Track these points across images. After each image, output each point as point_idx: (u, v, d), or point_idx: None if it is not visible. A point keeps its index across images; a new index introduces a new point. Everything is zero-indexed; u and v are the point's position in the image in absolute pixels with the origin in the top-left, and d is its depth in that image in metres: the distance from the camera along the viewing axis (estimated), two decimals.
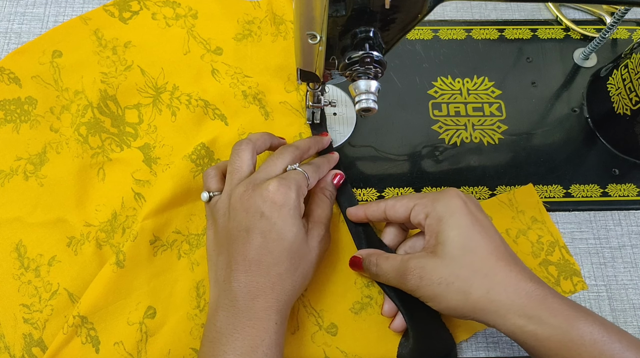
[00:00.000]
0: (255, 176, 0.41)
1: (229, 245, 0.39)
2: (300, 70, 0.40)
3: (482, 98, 0.53)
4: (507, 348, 0.44)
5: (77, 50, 0.53)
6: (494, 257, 0.36)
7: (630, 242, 0.48)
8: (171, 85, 0.52)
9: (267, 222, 0.38)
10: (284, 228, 0.38)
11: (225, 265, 0.39)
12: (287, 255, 0.38)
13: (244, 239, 0.38)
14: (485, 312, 0.36)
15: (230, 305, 0.37)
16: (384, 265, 0.40)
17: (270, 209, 0.38)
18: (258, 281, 0.37)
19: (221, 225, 0.40)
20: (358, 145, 0.51)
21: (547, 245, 0.46)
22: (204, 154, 0.48)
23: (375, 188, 0.49)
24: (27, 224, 0.47)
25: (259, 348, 0.35)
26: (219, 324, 0.37)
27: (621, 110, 0.48)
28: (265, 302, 0.37)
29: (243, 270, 0.38)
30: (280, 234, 0.38)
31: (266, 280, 0.38)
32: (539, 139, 0.52)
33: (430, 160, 0.51)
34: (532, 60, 0.55)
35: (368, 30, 0.36)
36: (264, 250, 0.38)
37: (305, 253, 0.40)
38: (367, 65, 0.36)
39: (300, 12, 0.33)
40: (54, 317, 0.43)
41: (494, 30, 0.57)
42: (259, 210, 0.38)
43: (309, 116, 0.50)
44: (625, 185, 0.50)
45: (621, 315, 0.45)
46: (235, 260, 0.38)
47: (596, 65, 0.55)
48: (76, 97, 0.51)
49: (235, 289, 0.37)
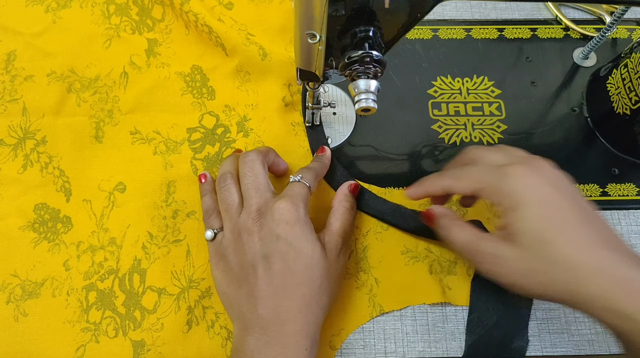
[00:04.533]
0: (254, 202, 0.40)
1: (249, 277, 0.38)
2: (300, 69, 0.40)
3: (481, 97, 0.53)
4: None
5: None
6: (576, 246, 0.33)
7: (629, 242, 0.48)
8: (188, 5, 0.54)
9: (284, 243, 0.38)
10: (300, 245, 0.38)
11: (247, 296, 0.38)
12: (308, 273, 0.38)
13: (264, 266, 0.38)
14: (574, 303, 0.33)
15: (261, 333, 0.36)
16: (454, 235, 0.38)
17: (284, 230, 0.38)
18: (286, 305, 0.37)
19: (234, 261, 0.40)
20: (358, 144, 0.51)
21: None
22: (198, 79, 0.53)
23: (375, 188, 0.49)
24: (26, 41, 0.53)
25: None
26: (249, 351, 0.36)
27: (621, 109, 0.48)
28: (295, 325, 0.36)
29: (269, 296, 0.37)
30: (298, 252, 0.38)
31: (293, 303, 0.37)
32: (538, 138, 0.52)
33: (430, 160, 0.51)
34: (531, 60, 0.55)
35: (367, 29, 0.35)
36: (286, 272, 0.37)
37: (326, 269, 0.39)
38: (367, 65, 0.36)
39: (300, 12, 0.33)
40: None
41: (493, 29, 0.57)
42: (274, 234, 0.38)
43: (308, 118, 0.50)
44: (624, 184, 0.50)
45: None
46: (260, 288, 0.37)
47: (596, 64, 0.55)
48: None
49: (264, 316, 0.37)
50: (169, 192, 0.48)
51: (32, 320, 0.44)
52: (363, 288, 0.45)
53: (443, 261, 0.46)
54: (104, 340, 0.43)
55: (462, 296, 0.45)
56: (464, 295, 0.45)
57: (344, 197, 0.45)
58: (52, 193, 0.48)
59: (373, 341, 0.44)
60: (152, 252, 0.46)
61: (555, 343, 0.44)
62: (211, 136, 0.50)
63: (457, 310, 0.45)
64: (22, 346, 0.43)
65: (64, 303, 0.44)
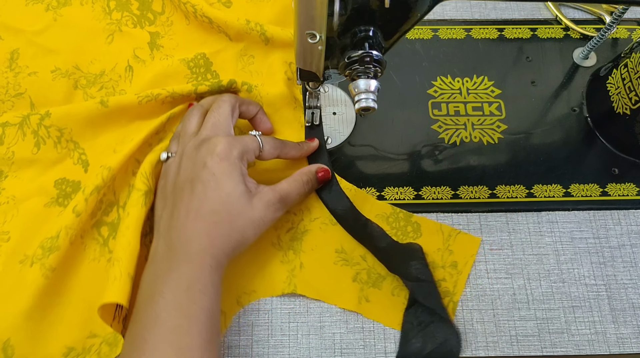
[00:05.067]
0: (204, 133, 0.43)
1: (175, 198, 0.41)
2: (300, 69, 0.40)
3: (481, 97, 0.53)
4: (507, 348, 0.44)
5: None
6: None
7: (629, 242, 0.48)
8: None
9: (208, 171, 0.40)
10: (222, 179, 0.40)
11: (168, 216, 0.41)
12: (223, 206, 0.40)
13: (188, 190, 0.40)
14: None
15: (167, 249, 0.39)
16: None
17: (212, 161, 0.40)
18: (195, 227, 0.39)
19: (170, 181, 0.43)
20: (357, 144, 0.51)
21: (443, 291, 0.45)
22: (201, 64, 0.53)
23: (375, 188, 0.49)
24: (28, 39, 0.53)
25: (194, 286, 0.37)
26: (156, 267, 0.39)
27: (621, 109, 0.48)
28: (199, 245, 0.38)
29: (182, 218, 0.39)
30: (218, 184, 0.40)
31: (202, 226, 0.39)
32: (538, 138, 0.52)
33: (430, 160, 0.51)
34: (531, 60, 0.55)
35: (367, 29, 0.36)
36: (203, 198, 0.40)
37: (246, 210, 0.41)
38: (367, 65, 0.36)
39: (300, 12, 0.33)
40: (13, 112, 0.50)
41: (493, 29, 0.57)
42: (203, 161, 0.41)
43: (308, 117, 0.50)
44: (624, 184, 0.50)
45: (620, 314, 0.45)
46: (178, 209, 0.40)
47: (596, 64, 0.55)
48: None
49: (172, 235, 0.39)
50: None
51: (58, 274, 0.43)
52: (287, 265, 0.46)
53: (372, 273, 0.45)
54: None
55: (379, 313, 0.44)
56: (380, 312, 0.44)
57: (307, 172, 0.46)
58: (70, 167, 0.48)
59: (373, 341, 0.44)
60: None
61: (555, 343, 0.44)
62: (217, 89, 0.50)
63: (457, 310, 0.45)
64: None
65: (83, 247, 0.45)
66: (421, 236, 0.47)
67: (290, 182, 0.45)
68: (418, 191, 0.49)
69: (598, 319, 0.45)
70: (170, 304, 0.36)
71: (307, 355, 0.44)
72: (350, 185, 0.48)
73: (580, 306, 0.45)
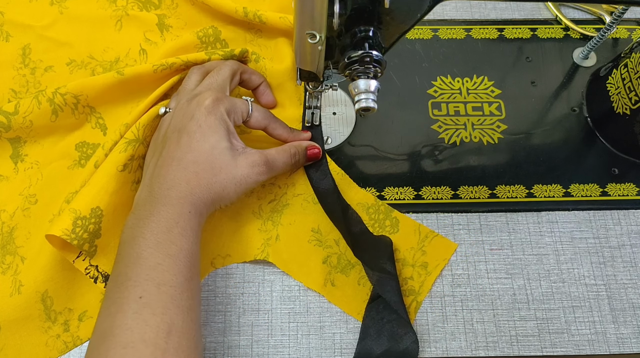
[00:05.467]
0: (198, 89, 0.45)
1: (163, 147, 0.42)
2: (300, 69, 0.40)
3: (481, 97, 0.53)
4: (507, 348, 0.44)
5: None
6: None
7: (629, 242, 0.48)
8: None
9: (195, 123, 0.41)
10: (207, 131, 0.41)
11: (155, 164, 0.42)
12: (206, 158, 0.40)
13: (175, 140, 0.41)
14: None
15: (149, 195, 0.40)
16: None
17: (199, 113, 0.41)
18: (176, 175, 0.40)
19: (161, 132, 0.44)
20: (357, 144, 0.51)
21: (409, 289, 0.46)
22: (210, 33, 0.53)
23: (375, 188, 0.49)
24: (38, 34, 0.53)
25: (174, 229, 0.38)
26: (137, 212, 0.39)
27: (621, 109, 0.48)
28: (179, 192, 0.39)
29: (166, 166, 0.40)
30: (203, 136, 0.41)
31: (183, 174, 0.40)
32: (538, 138, 0.52)
33: (430, 160, 0.51)
34: (531, 60, 0.55)
35: (367, 29, 0.36)
36: (187, 148, 0.40)
37: (229, 166, 0.41)
38: (367, 65, 0.36)
39: (300, 12, 0.33)
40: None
41: (493, 29, 0.57)
42: (192, 113, 0.42)
43: (308, 117, 0.50)
44: (624, 184, 0.50)
45: (620, 314, 0.45)
46: (163, 158, 0.41)
47: (596, 64, 0.55)
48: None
49: (154, 182, 0.40)
50: None
51: None
52: (264, 233, 0.47)
53: (343, 259, 0.46)
54: None
55: (341, 298, 0.45)
56: (342, 298, 0.45)
57: (297, 145, 0.46)
58: (89, 131, 0.50)
59: None
60: None
61: (555, 343, 0.44)
62: (230, 57, 0.51)
63: (457, 311, 0.45)
64: None
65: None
66: (398, 232, 0.47)
67: (279, 150, 0.45)
68: (418, 191, 0.49)
69: (598, 319, 0.45)
70: (151, 244, 0.37)
71: (307, 355, 0.44)
72: (338, 169, 0.48)
73: (580, 306, 0.45)
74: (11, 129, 0.47)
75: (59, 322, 0.44)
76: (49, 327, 0.44)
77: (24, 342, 0.43)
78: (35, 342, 0.43)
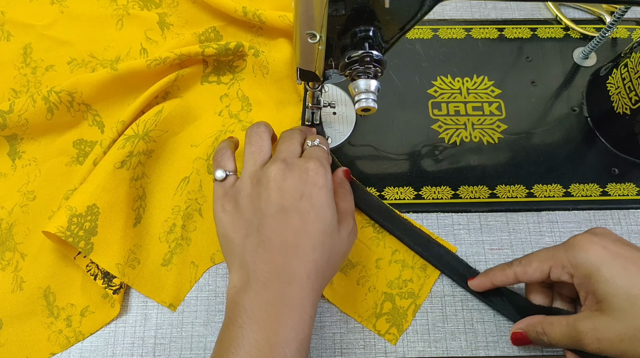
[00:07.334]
0: (284, 156, 0.39)
1: (261, 227, 0.36)
2: (300, 69, 0.40)
3: (481, 97, 0.53)
4: (507, 348, 0.44)
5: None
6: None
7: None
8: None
9: (307, 203, 0.36)
10: (323, 210, 0.37)
11: (255, 246, 0.36)
12: (322, 240, 0.36)
13: (280, 220, 0.36)
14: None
15: (264, 288, 0.34)
16: (552, 333, 0.38)
17: (310, 190, 0.37)
18: (295, 266, 0.35)
19: (246, 206, 0.38)
20: (358, 144, 0.51)
21: (408, 292, 0.45)
22: (212, 37, 0.54)
23: (375, 188, 0.49)
24: (39, 33, 0.53)
25: (292, 343, 0.33)
26: (249, 307, 0.34)
27: (621, 109, 0.48)
28: (302, 290, 0.35)
29: (279, 252, 0.35)
30: (318, 216, 0.36)
31: (303, 266, 0.35)
32: (538, 138, 0.52)
33: (430, 160, 0.51)
34: (531, 60, 0.55)
35: (368, 29, 0.36)
36: (301, 233, 0.36)
37: (338, 242, 0.38)
38: (367, 65, 0.36)
39: (300, 11, 0.33)
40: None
41: (493, 29, 0.57)
42: (299, 191, 0.37)
43: (308, 117, 0.50)
44: (624, 184, 0.50)
45: None
46: (271, 241, 0.36)
47: (596, 64, 0.55)
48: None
49: (270, 272, 0.35)
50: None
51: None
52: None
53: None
54: None
55: (340, 298, 0.45)
56: (342, 298, 0.45)
57: (342, 181, 0.44)
58: (86, 129, 0.50)
59: (373, 341, 0.44)
60: None
61: None
62: (224, 52, 0.51)
63: (457, 310, 0.45)
64: None
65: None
66: None
67: (343, 197, 0.42)
68: (418, 191, 0.49)
69: None
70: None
71: None
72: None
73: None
74: (7, 127, 0.47)
75: (62, 317, 0.44)
76: (51, 322, 0.44)
77: (26, 337, 0.43)
78: (37, 337, 0.43)
